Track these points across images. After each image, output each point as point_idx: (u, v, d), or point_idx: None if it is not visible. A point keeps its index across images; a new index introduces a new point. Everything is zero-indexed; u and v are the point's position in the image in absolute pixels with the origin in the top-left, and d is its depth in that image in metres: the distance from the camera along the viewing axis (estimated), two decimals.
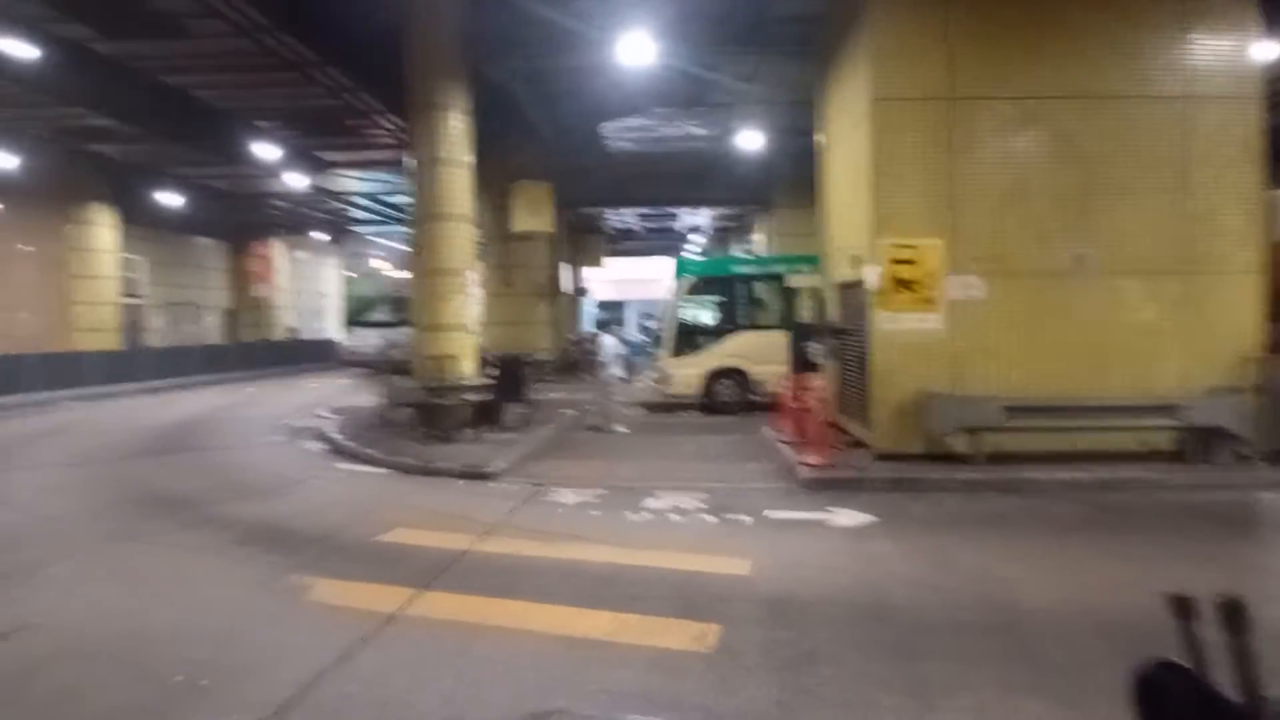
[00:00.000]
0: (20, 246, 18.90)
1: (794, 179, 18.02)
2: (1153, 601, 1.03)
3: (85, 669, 3.62)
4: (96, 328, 19.33)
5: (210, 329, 28.49)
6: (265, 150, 16.18)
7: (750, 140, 15.95)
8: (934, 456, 7.83)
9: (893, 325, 7.95)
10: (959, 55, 7.91)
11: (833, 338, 9.39)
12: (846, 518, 6.22)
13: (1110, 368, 7.85)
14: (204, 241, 28.31)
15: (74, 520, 6.46)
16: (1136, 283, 7.92)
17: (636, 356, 18.85)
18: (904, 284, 7.91)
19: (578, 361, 20.52)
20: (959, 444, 7.72)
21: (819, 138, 10.55)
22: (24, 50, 10.53)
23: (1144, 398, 7.60)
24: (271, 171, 18.56)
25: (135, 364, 18.94)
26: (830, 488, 7.20)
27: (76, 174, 18.45)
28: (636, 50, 10.35)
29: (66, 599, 4.58)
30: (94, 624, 4.17)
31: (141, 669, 3.61)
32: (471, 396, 10.32)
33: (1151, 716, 0.87)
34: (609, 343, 11.25)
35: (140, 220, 22.28)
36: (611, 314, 35.38)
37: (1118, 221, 7.90)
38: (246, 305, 29.21)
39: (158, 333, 24.82)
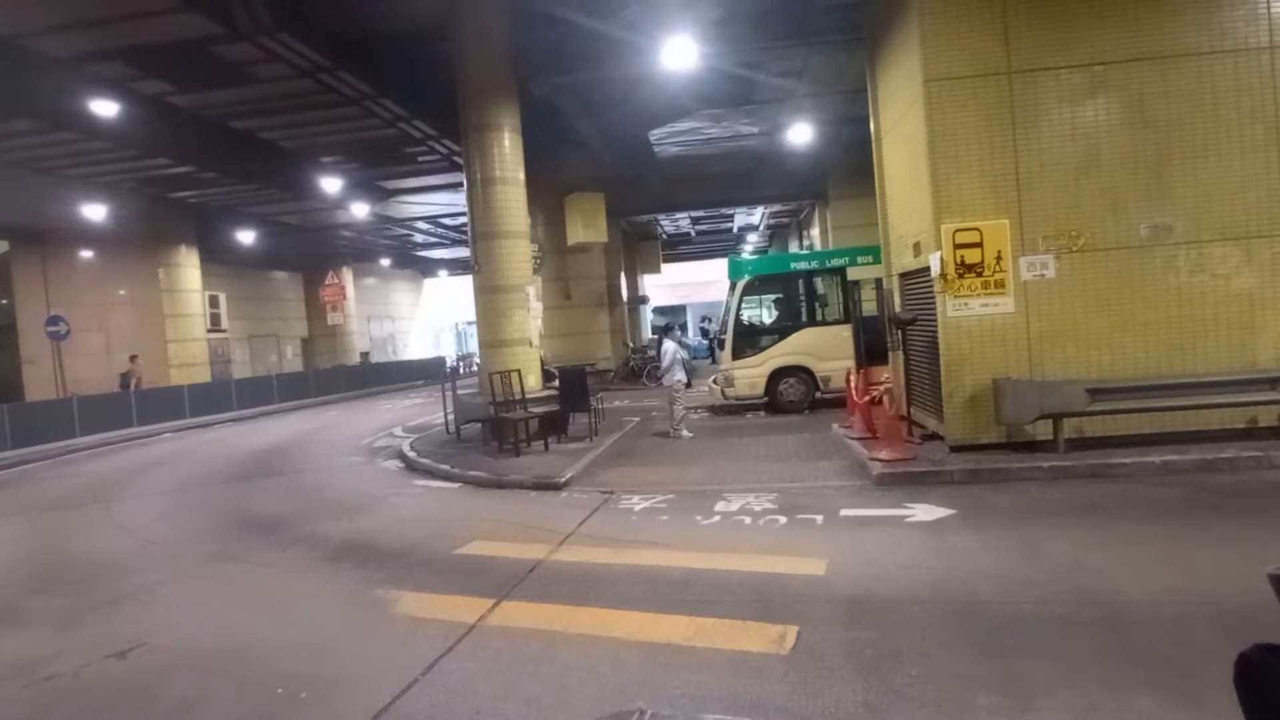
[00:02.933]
0: (120, 292, 20.33)
1: (850, 170, 17.73)
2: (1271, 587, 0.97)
3: (196, 683, 3.85)
4: (189, 363, 20.61)
5: (289, 358, 29.95)
6: (330, 184, 16.98)
7: (802, 134, 15.76)
8: (1013, 445, 7.55)
9: (961, 311, 7.70)
10: (1016, 26, 7.62)
11: (899, 329, 9.14)
12: (924, 512, 6.03)
13: (1201, 341, 7.41)
14: (279, 275, 29.86)
15: (181, 544, 6.88)
16: (1227, 249, 7.44)
17: (698, 360, 18.78)
18: (970, 268, 7.65)
19: (640, 368, 20.63)
20: (1039, 431, 7.40)
21: (873, 125, 10.31)
22: (106, 108, 11.37)
23: (1244, 371, 7.14)
24: (338, 203, 19.45)
25: (224, 395, 20.05)
26: (905, 483, 7.01)
27: (163, 220, 19.75)
28: (681, 55, 10.37)
29: (177, 618, 4.87)
30: (202, 640, 4.43)
31: (246, 682, 3.81)
32: (537, 409, 10.49)
33: (1255, 701, 0.82)
34: (670, 348, 11.25)
35: (220, 258, 23.68)
36: (672, 318, 35.50)
37: (1201, 186, 7.46)
38: (322, 333, 30.59)
39: (241, 364, 26.22)
